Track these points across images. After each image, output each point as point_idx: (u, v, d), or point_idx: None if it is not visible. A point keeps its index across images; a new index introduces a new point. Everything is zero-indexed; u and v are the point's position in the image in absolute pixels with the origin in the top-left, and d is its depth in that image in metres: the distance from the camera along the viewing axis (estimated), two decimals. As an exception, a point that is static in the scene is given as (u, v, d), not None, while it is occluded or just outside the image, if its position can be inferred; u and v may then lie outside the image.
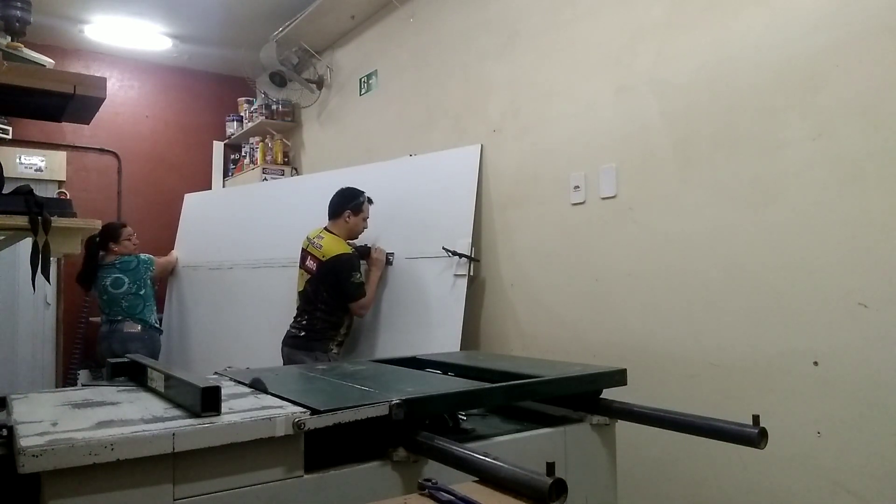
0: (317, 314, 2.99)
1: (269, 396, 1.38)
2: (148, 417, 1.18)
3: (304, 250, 3.13)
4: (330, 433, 1.25)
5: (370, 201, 3.12)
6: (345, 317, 3.03)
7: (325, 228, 3.10)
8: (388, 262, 3.16)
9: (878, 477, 1.68)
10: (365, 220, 3.11)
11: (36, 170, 4.87)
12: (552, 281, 2.67)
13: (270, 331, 3.40)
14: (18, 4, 2.00)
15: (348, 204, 3.07)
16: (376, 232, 3.21)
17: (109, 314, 3.86)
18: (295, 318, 3.09)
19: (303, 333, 3.00)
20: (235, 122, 5.42)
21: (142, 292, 3.84)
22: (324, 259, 2.98)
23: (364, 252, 3.13)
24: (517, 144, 2.88)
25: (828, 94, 1.80)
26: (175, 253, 4.74)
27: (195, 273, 4.60)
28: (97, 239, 3.82)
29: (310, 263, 3.05)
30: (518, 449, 1.48)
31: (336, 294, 2.97)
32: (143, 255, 3.98)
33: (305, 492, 1.22)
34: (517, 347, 2.82)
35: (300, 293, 3.10)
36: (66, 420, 1.16)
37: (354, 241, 3.13)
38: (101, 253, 3.87)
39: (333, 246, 2.99)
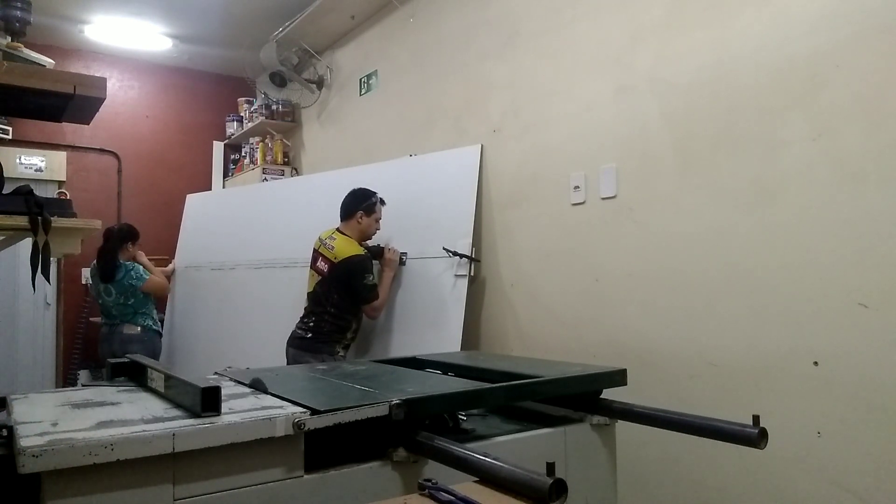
0: (325, 316, 2.95)
1: (269, 396, 1.38)
2: (148, 418, 1.18)
3: (315, 251, 3.09)
4: (330, 433, 1.25)
5: (382, 202, 3.08)
6: (353, 320, 3.00)
7: (338, 229, 3.06)
8: (402, 262, 3.12)
9: (878, 477, 1.68)
10: (377, 221, 3.07)
11: (36, 170, 4.87)
12: (552, 281, 2.67)
13: (273, 331, 3.39)
14: (18, 4, 2.00)
15: (361, 205, 3.02)
16: (378, 232, 3.21)
17: (108, 316, 3.86)
18: (301, 318, 3.05)
19: (309, 335, 2.95)
20: (235, 122, 5.42)
21: (130, 302, 3.81)
22: (336, 260, 2.94)
23: (377, 252, 3.08)
24: (517, 144, 2.88)
25: (828, 94, 1.80)
26: (171, 267, 4.71)
27: (197, 273, 4.60)
28: (120, 235, 3.80)
29: (321, 265, 3.01)
30: (518, 449, 1.48)
31: (347, 296, 2.93)
32: (130, 266, 3.83)
33: (305, 492, 1.22)
34: (517, 347, 2.82)
35: (310, 294, 3.05)
36: (66, 420, 1.16)
37: (367, 241, 3.09)
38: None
39: (346, 247, 2.95)
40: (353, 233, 3.02)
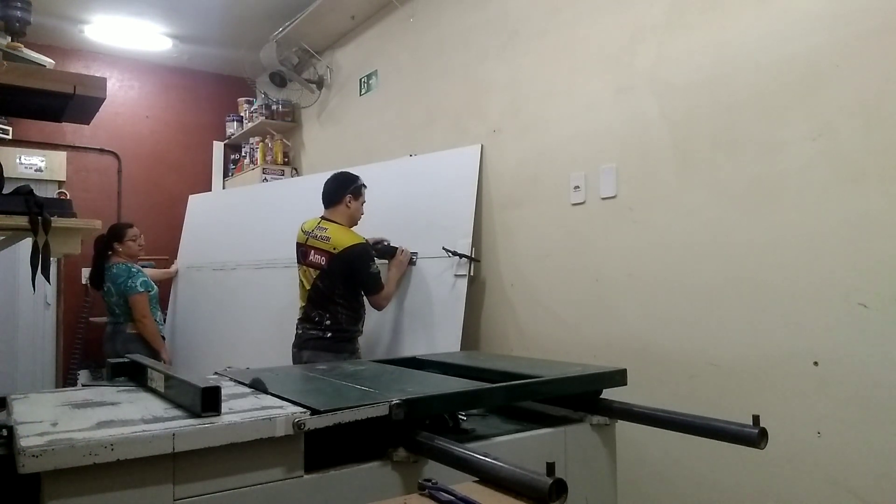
0: (339, 310, 2.81)
1: (269, 396, 1.38)
2: (148, 418, 1.18)
3: (303, 245, 2.93)
4: (330, 433, 1.25)
5: (364, 185, 2.99)
6: (361, 309, 2.90)
7: (324, 218, 2.92)
8: (412, 262, 3.08)
9: (878, 477, 1.68)
10: (363, 204, 2.97)
11: (36, 170, 4.87)
12: (552, 281, 2.67)
13: (274, 331, 3.39)
14: (18, 4, 2.00)
15: (348, 188, 2.91)
16: (377, 232, 3.20)
17: (113, 314, 3.87)
18: (310, 318, 2.87)
19: (329, 335, 2.80)
20: (235, 122, 5.42)
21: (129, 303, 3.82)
22: (336, 251, 2.79)
23: (390, 252, 3.02)
24: (517, 144, 2.88)
25: (828, 94, 1.80)
26: (175, 268, 4.76)
27: (199, 274, 4.60)
28: (104, 239, 3.82)
29: (316, 258, 2.85)
30: (518, 449, 1.48)
31: (351, 287, 2.82)
32: (134, 270, 3.81)
33: (305, 492, 1.22)
34: (517, 347, 2.82)
35: (309, 291, 2.88)
36: (66, 420, 1.16)
37: (375, 240, 3.02)
38: (109, 253, 3.87)
39: (344, 236, 2.82)
40: (342, 219, 2.90)
